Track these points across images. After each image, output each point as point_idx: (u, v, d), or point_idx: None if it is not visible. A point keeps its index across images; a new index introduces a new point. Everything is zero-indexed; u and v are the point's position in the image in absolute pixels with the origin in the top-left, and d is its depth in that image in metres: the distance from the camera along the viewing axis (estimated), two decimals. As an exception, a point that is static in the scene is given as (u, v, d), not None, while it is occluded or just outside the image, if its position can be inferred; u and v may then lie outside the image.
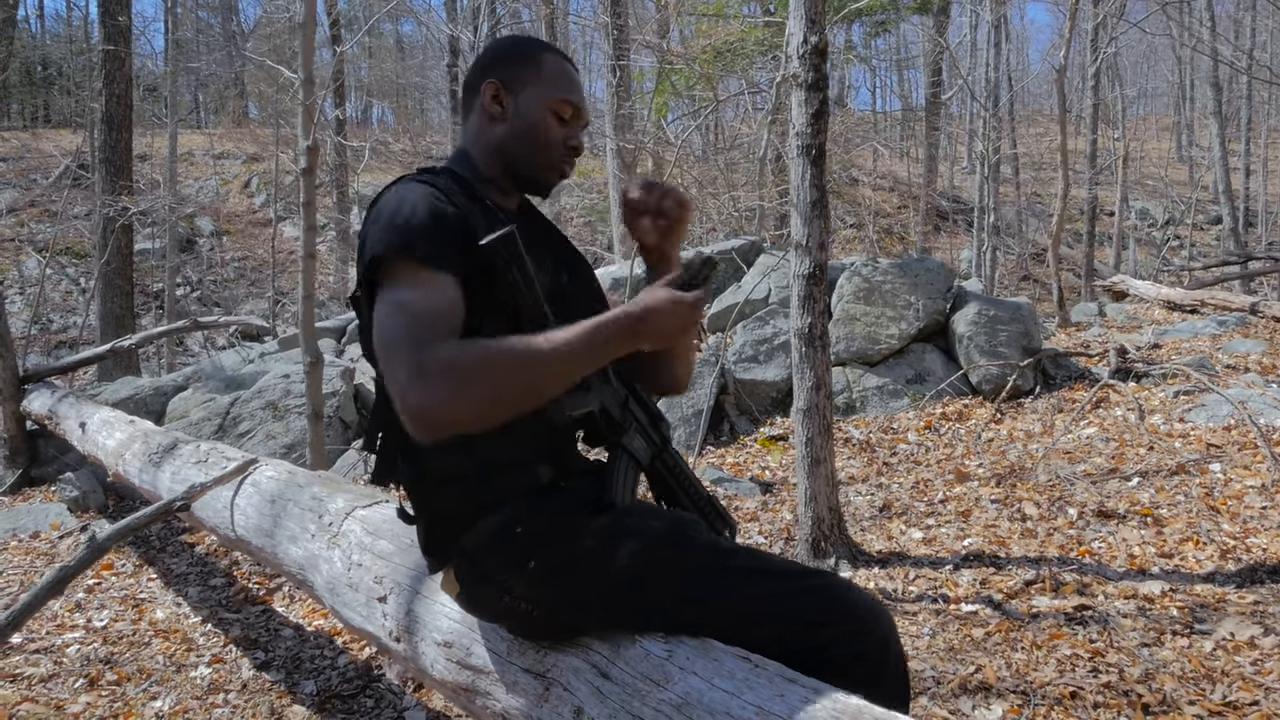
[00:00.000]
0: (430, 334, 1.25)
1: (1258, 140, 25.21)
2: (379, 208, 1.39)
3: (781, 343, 6.59)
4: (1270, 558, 3.58)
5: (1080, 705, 2.66)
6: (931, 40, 18.55)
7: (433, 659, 1.63)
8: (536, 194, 1.60)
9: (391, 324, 1.28)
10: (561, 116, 1.51)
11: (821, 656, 1.27)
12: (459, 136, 1.59)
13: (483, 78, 1.52)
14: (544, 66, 1.51)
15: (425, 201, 1.36)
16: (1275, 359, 6.38)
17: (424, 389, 1.21)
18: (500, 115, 1.52)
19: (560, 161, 1.54)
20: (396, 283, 1.31)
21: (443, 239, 1.33)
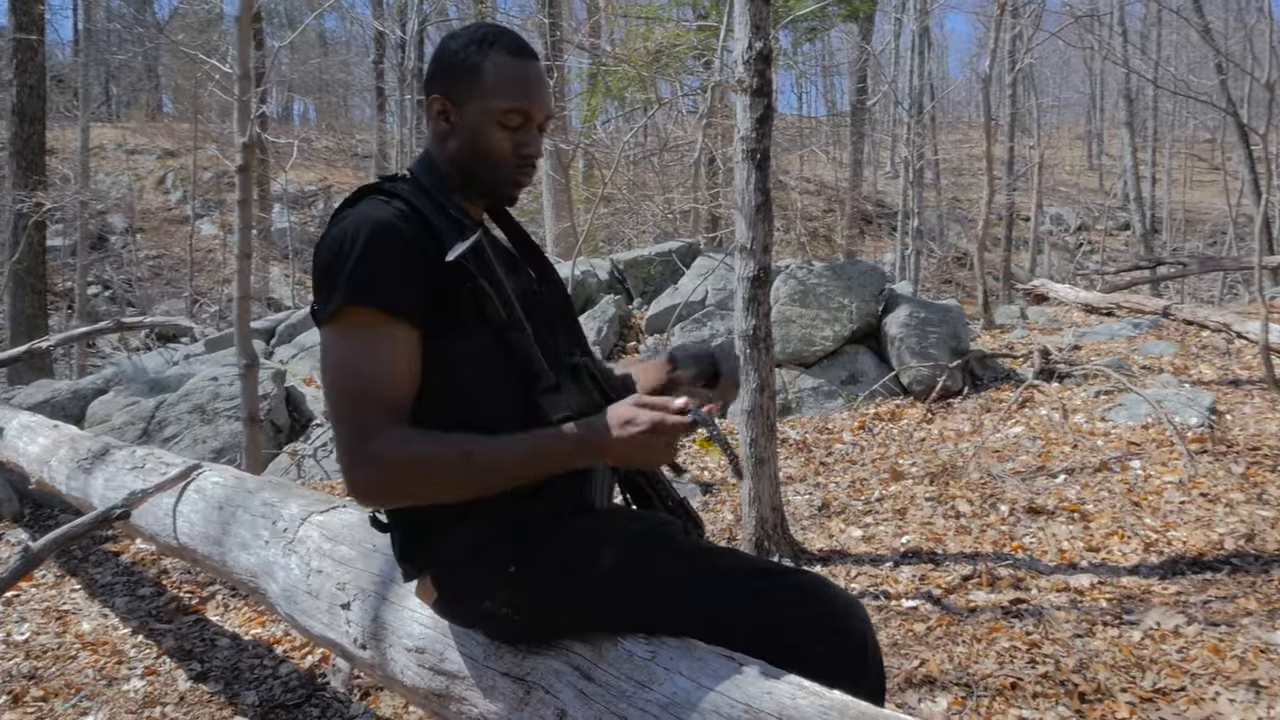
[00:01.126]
0: (373, 411, 1.30)
1: (1163, 150, 26.32)
2: (338, 233, 1.35)
3: (719, 343, 6.65)
4: (1190, 550, 3.75)
5: (1021, 695, 2.75)
6: (857, 47, 18.92)
7: (403, 665, 1.61)
8: (499, 205, 1.58)
9: (334, 389, 1.32)
10: (509, 126, 1.45)
11: (803, 653, 1.30)
12: (426, 140, 1.55)
13: (429, 90, 1.47)
14: (486, 74, 1.43)
15: (386, 229, 1.33)
16: (1187, 360, 6.68)
17: (355, 478, 1.29)
18: (448, 131, 1.47)
19: (515, 173, 1.49)
20: (348, 335, 1.33)
21: (402, 277, 1.32)
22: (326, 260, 1.34)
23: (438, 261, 1.33)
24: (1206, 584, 3.45)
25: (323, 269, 1.34)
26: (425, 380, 1.36)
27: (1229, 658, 2.86)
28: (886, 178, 27.21)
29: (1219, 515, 4.03)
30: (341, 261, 1.31)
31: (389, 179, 1.48)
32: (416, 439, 1.30)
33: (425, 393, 1.36)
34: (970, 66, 39.13)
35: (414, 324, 1.33)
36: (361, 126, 29.12)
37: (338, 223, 1.38)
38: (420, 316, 1.34)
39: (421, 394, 1.36)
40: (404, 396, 1.33)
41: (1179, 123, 28.01)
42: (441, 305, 1.36)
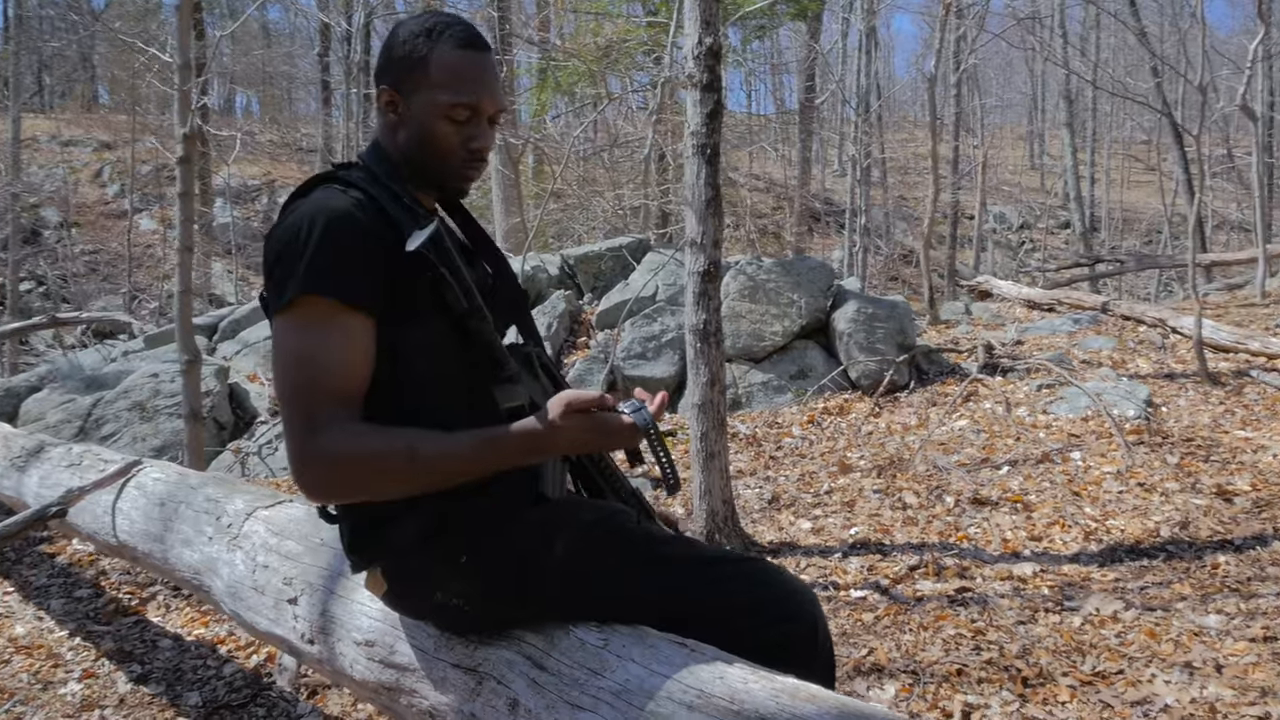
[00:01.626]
0: (323, 404, 1.28)
1: (1102, 151, 26.97)
2: (293, 222, 1.32)
3: (669, 339, 6.67)
4: (1128, 538, 3.85)
5: (966, 681, 2.80)
6: (806, 46, 19.08)
7: (352, 659, 1.59)
8: (449, 197, 1.56)
9: (287, 377, 1.30)
10: (455, 120, 1.42)
11: (755, 639, 1.31)
12: (376, 128, 1.53)
13: (378, 81, 1.45)
14: (432, 66, 1.40)
15: (343, 218, 1.31)
16: (1125, 354, 6.85)
17: (304, 473, 1.28)
18: (396, 123, 1.45)
19: (463, 167, 1.46)
20: (302, 325, 1.30)
21: (359, 267, 1.30)
22: (280, 249, 1.31)
23: (396, 251, 1.32)
24: (1143, 570, 3.54)
25: (276, 258, 1.31)
26: (377, 369, 1.34)
27: (1164, 641, 2.94)
28: (834, 176, 27.49)
29: (1155, 504, 4.15)
30: (297, 250, 1.28)
31: (341, 168, 1.45)
32: (366, 434, 1.29)
33: (377, 382, 1.34)
34: (916, 66, 39.74)
35: (370, 315, 1.32)
36: (306, 120, 28.64)
37: (291, 211, 1.35)
38: (377, 307, 1.32)
39: (373, 383, 1.34)
40: (356, 389, 1.31)
41: (1116, 124, 28.73)
42: (398, 295, 1.34)
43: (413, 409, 1.34)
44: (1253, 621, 3.01)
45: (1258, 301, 9.33)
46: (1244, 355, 6.56)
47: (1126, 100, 24.03)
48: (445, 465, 1.28)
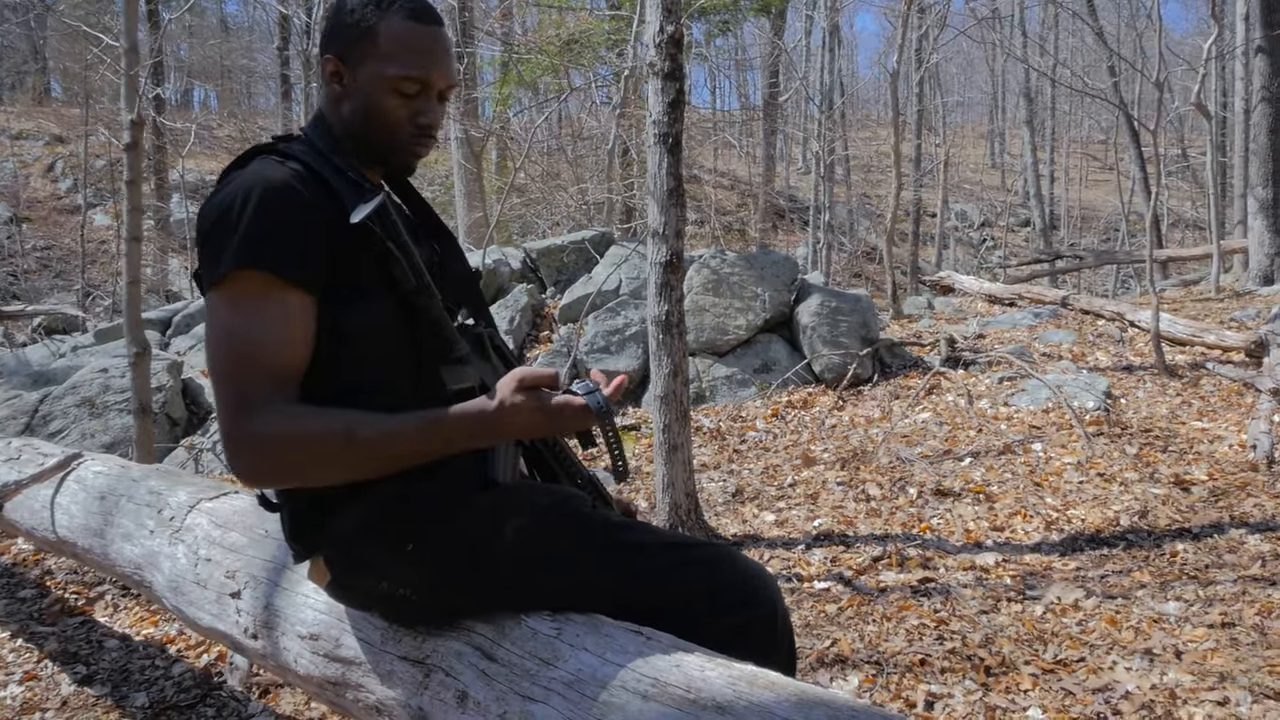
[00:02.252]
0: (258, 384, 1.22)
1: (1060, 150, 27.34)
2: (228, 194, 1.25)
3: (633, 333, 6.62)
4: (1088, 528, 3.86)
5: (929, 671, 2.78)
6: (770, 43, 19.12)
7: (296, 654, 1.53)
8: (394, 174, 1.49)
9: (220, 355, 1.24)
10: (404, 93, 1.36)
11: (713, 627, 1.26)
12: (318, 100, 1.47)
13: (323, 50, 1.39)
14: (381, 37, 1.34)
15: (281, 190, 1.25)
16: (1084, 347, 6.92)
17: (236, 456, 1.22)
18: (341, 94, 1.39)
19: (410, 143, 1.41)
20: (237, 300, 1.24)
21: (298, 241, 1.24)
22: (214, 221, 1.24)
23: (338, 224, 1.27)
24: (1104, 559, 3.56)
25: (209, 230, 1.25)
26: (318, 347, 1.28)
27: (1125, 629, 2.95)
28: (798, 173, 27.62)
29: (1115, 494, 4.17)
30: (231, 223, 1.22)
31: (282, 139, 1.39)
32: (302, 415, 1.22)
33: (318, 361, 1.28)
34: (879, 65, 40.04)
35: (309, 291, 1.26)
36: (266, 114, 28.24)
37: (227, 183, 1.28)
38: (317, 283, 1.26)
39: (313, 362, 1.28)
40: (294, 368, 1.25)
41: (1075, 123, 29.15)
42: (340, 270, 1.28)
43: (354, 390, 1.28)
44: (1211, 608, 3.02)
45: (1212, 296, 9.49)
46: (1200, 348, 6.64)
47: (1084, 100, 24.41)
48: (386, 448, 1.22)
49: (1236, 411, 5.22)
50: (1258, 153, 10.00)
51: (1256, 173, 9.99)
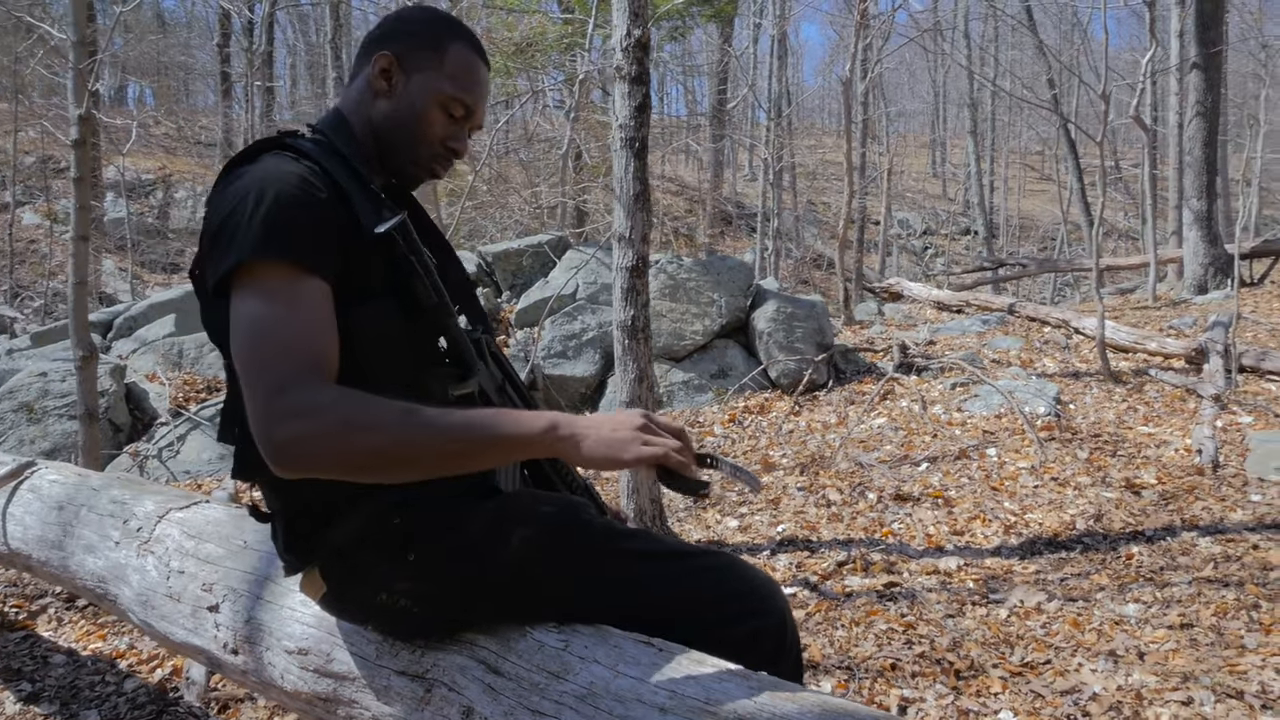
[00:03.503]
0: (296, 368, 1.12)
1: (1000, 160, 27.96)
2: (242, 187, 1.20)
3: (590, 338, 6.60)
4: (1046, 531, 3.94)
5: (900, 675, 2.80)
6: (719, 49, 19.24)
7: (283, 669, 1.47)
8: (401, 184, 1.47)
9: (253, 344, 1.14)
10: (451, 113, 1.39)
11: (723, 636, 1.25)
12: (339, 97, 1.44)
13: (379, 46, 1.38)
14: (449, 55, 1.38)
15: (298, 186, 1.20)
16: (1032, 354, 7.06)
17: (280, 433, 1.08)
18: (385, 92, 1.38)
19: (434, 161, 1.42)
20: (260, 289, 1.16)
21: (318, 233, 1.20)
22: (228, 213, 1.18)
23: (352, 227, 1.24)
24: (1062, 562, 3.62)
25: (222, 223, 1.18)
26: None
27: (1088, 630, 3.00)
28: (745, 179, 27.83)
29: (1069, 497, 4.26)
30: (247, 216, 1.16)
31: (290, 135, 1.35)
32: (348, 393, 1.14)
33: None
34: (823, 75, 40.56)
35: (328, 282, 1.21)
36: (205, 113, 27.60)
37: (238, 177, 1.23)
38: (332, 278, 1.22)
39: None
40: (330, 354, 1.17)
41: (1014, 134, 29.82)
42: (352, 272, 1.25)
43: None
44: (1169, 610, 3.09)
45: (1150, 304, 9.76)
46: (1142, 355, 6.83)
47: (1023, 111, 25.01)
48: (445, 432, 1.12)
49: (1180, 417, 5.37)
50: (1192, 165, 10.33)
51: (1191, 185, 10.31)
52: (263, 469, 1.31)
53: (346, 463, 1.10)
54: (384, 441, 1.10)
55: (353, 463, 1.10)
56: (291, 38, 34.33)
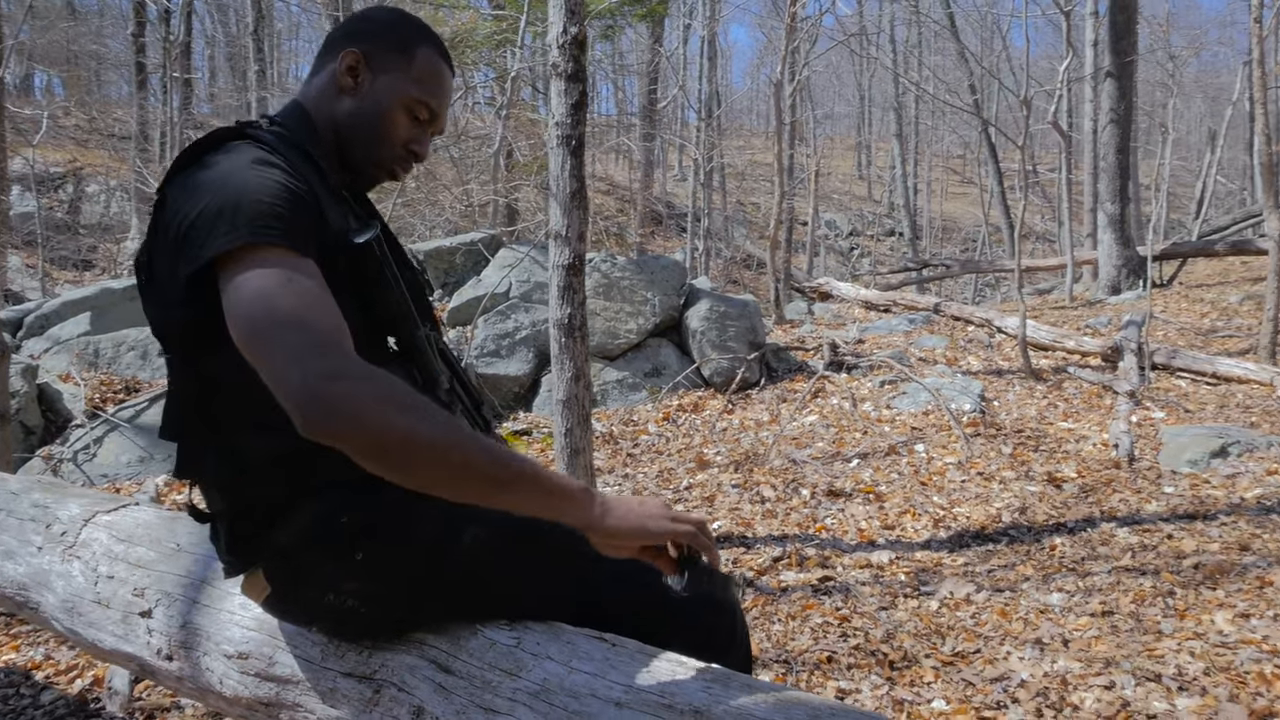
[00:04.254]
0: (327, 330, 1.06)
1: (924, 163, 28.63)
2: (221, 174, 1.16)
3: (524, 337, 6.56)
4: (973, 524, 4.04)
5: (836, 668, 2.85)
6: (650, 49, 19.30)
7: (222, 674, 1.44)
8: (357, 184, 1.45)
9: (268, 312, 1.06)
10: (416, 116, 1.39)
11: (677, 631, 1.25)
12: (300, 91, 1.41)
13: (346, 44, 1.37)
14: (417, 58, 1.38)
15: (282, 176, 1.18)
16: (957, 352, 7.25)
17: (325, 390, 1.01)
18: (351, 90, 1.37)
19: (394, 163, 1.41)
20: (268, 266, 1.09)
21: (305, 223, 1.16)
22: (209, 201, 1.13)
23: (321, 223, 1.21)
24: (989, 554, 3.72)
25: (203, 211, 1.13)
26: None
27: (1015, 620, 3.09)
28: (675, 179, 27.98)
29: (995, 491, 4.38)
30: (235, 203, 1.12)
31: (249, 125, 1.31)
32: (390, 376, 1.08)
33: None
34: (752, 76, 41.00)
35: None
36: (119, 104, 26.67)
37: (208, 165, 1.19)
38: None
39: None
40: (346, 331, 1.11)
41: (937, 138, 30.56)
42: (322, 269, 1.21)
43: None
44: (1090, 598, 3.20)
45: (1067, 304, 10.10)
46: (1061, 353, 7.06)
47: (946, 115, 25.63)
48: (497, 451, 1.08)
49: (1097, 412, 5.57)
50: (1107, 170, 10.72)
51: (1106, 189, 10.70)
52: (204, 466, 1.28)
53: (385, 438, 1.02)
54: (429, 433, 1.03)
55: (391, 440, 1.02)
56: (211, 28, 33.40)
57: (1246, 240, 11.21)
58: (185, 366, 1.25)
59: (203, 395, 1.23)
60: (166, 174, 1.23)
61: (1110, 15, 10.83)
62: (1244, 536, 3.60)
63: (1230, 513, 3.90)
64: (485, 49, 10.99)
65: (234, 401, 1.23)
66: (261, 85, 15.31)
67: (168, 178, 1.23)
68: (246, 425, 1.23)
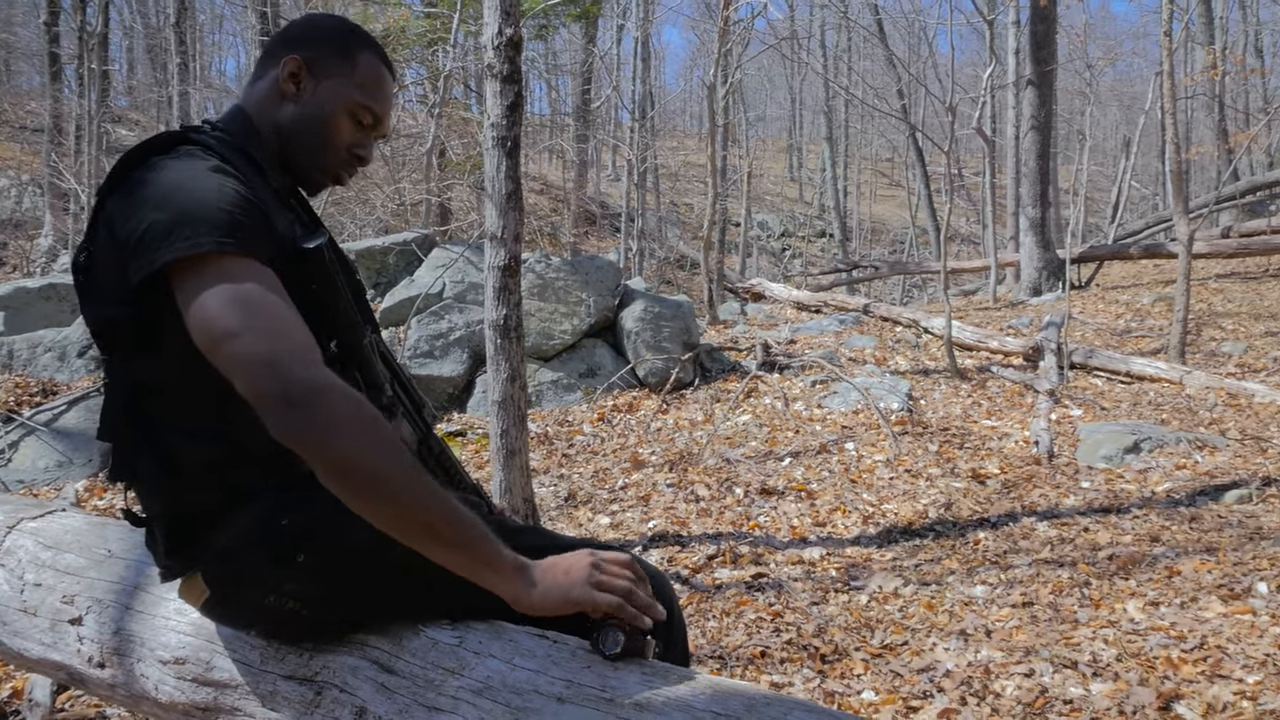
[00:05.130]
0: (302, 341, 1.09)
1: (853, 166, 29.14)
2: (171, 179, 1.15)
3: (457, 338, 6.52)
4: (901, 520, 4.15)
5: (770, 662, 2.91)
6: (583, 50, 19.30)
7: (157, 680, 1.42)
8: (303, 188, 1.46)
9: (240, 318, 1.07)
10: (359, 121, 1.40)
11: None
12: (242, 95, 1.41)
13: (287, 50, 1.36)
14: (359, 64, 1.39)
15: (236, 183, 1.18)
16: (885, 352, 7.41)
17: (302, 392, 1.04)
18: (294, 95, 1.37)
19: (339, 167, 1.42)
20: (233, 276, 1.10)
21: (260, 229, 1.17)
22: (161, 206, 1.12)
23: (271, 231, 1.21)
24: (916, 549, 3.83)
25: (155, 219, 1.12)
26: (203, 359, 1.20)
27: (940, 612, 3.19)
28: (609, 180, 28.01)
29: (922, 488, 4.50)
30: (191, 209, 1.11)
31: (193, 129, 1.30)
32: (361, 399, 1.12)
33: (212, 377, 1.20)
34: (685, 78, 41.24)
35: None
36: (31, 95, 25.68)
37: (156, 168, 1.17)
38: None
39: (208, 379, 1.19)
40: (316, 344, 1.13)
41: (866, 141, 31.14)
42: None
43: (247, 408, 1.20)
44: (1012, 590, 3.32)
45: (991, 305, 10.40)
46: (985, 353, 7.27)
47: (874, 119, 26.14)
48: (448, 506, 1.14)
49: (1019, 410, 5.76)
50: (1028, 175, 11.06)
51: (1027, 194, 11.04)
52: (138, 470, 1.26)
53: (353, 463, 1.07)
54: (393, 473, 1.09)
55: (360, 467, 1.08)
56: (129, 18, 32.36)
57: (1158, 244, 11.68)
58: (122, 369, 1.24)
59: (138, 398, 1.22)
60: (110, 174, 1.22)
61: (1031, 25, 11.18)
62: (1154, 529, 3.76)
63: (1142, 506, 4.08)
64: (417, 47, 10.87)
65: (169, 406, 1.23)
66: (184, 79, 14.93)
67: (111, 178, 1.22)
68: (181, 430, 1.23)
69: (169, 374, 1.21)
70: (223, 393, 1.20)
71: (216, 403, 1.20)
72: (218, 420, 1.23)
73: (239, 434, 1.24)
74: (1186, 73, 16.46)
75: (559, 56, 27.13)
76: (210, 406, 1.21)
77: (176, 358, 1.17)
